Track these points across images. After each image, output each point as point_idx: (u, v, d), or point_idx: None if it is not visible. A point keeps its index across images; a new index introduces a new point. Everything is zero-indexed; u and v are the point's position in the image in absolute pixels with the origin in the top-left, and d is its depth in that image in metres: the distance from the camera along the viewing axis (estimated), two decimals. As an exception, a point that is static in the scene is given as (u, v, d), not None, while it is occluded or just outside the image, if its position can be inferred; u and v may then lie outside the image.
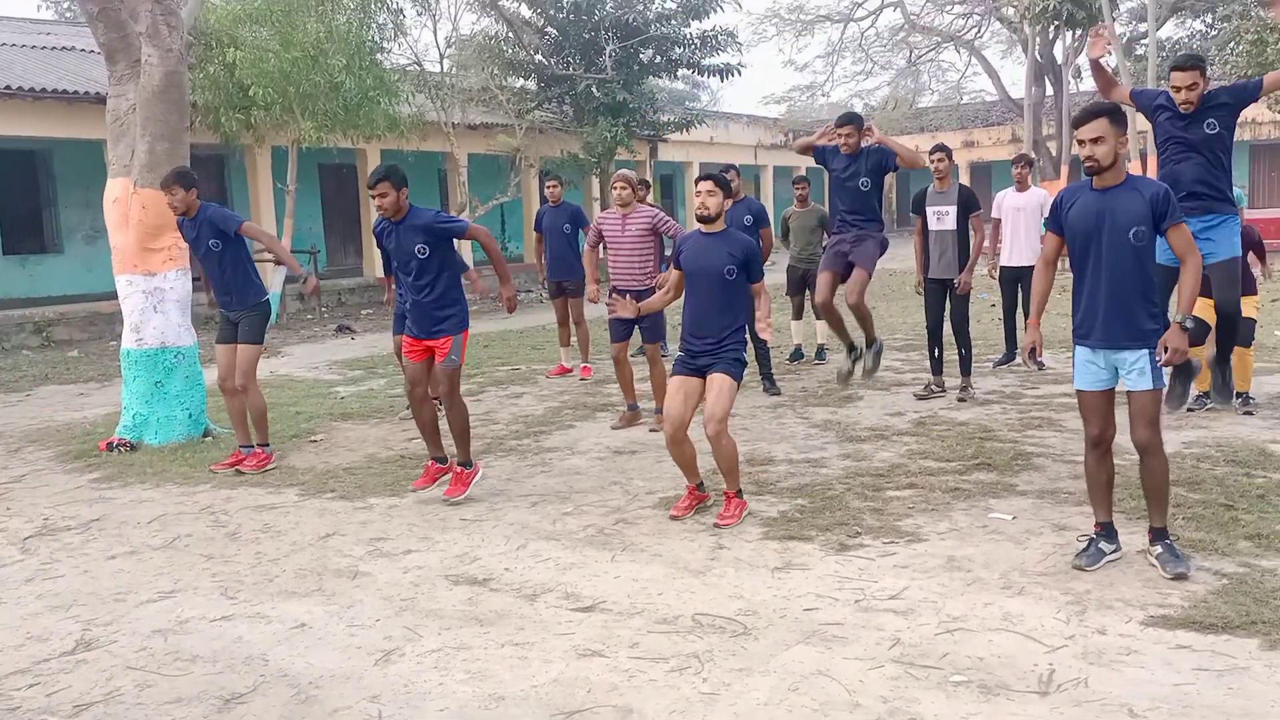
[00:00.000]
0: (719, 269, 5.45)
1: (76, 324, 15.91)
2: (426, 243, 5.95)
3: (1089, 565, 4.44)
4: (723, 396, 5.33)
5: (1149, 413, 4.41)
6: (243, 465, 6.99)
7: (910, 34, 37.91)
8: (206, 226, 6.94)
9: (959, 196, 8.13)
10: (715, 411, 5.30)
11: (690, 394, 5.44)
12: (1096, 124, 4.32)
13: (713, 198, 5.58)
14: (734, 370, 5.42)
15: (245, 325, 7.05)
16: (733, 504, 5.43)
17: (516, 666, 3.80)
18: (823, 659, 3.73)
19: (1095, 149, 4.32)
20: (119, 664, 4.00)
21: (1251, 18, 19.99)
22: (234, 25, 15.38)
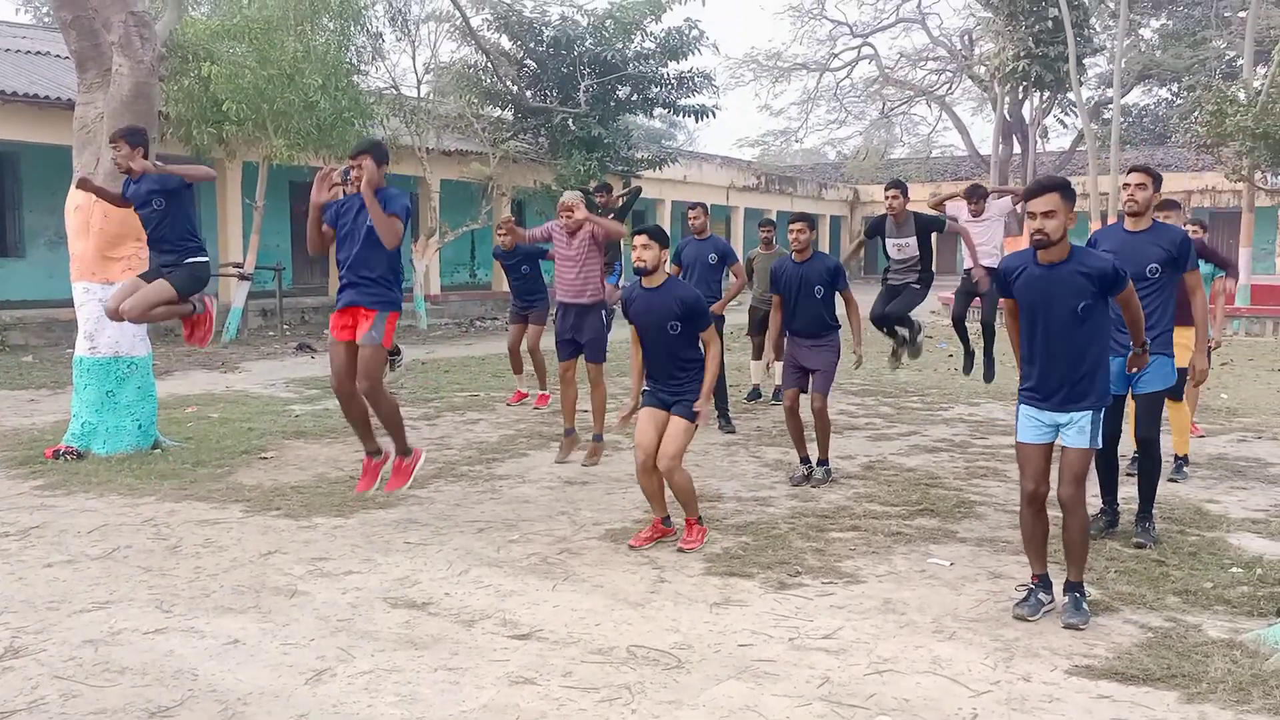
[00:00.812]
0: (663, 324, 5.56)
1: (33, 329, 15.73)
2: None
3: (1030, 615, 4.52)
4: (679, 437, 5.51)
5: (1077, 470, 4.53)
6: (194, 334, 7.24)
7: (884, 86, 38.65)
8: (149, 182, 6.93)
9: (917, 224, 8.23)
10: (668, 449, 5.48)
11: (660, 424, 5.59)
12: (1049, 198, 4.41)
13: (648, 251, 5.59)
14: (692, 413, 5.56)
15: (178, 274, 6.93)
16: (694, 530, 5.59)
17: (447, 691, 3.80)
18: (752, 695, 3.77)
19: (1046, 222, 4.41)
20: (45, 673, 3.96)
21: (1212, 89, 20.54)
22: (211, 40, 15.40)
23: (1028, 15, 26.27)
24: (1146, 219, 5.64)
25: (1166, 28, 35.76)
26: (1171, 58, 33.15)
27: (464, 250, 27.63)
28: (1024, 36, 26.41)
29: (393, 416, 5.96)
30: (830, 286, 7.10)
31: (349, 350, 5.88)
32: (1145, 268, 5.54)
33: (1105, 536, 5.71)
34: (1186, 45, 33.18)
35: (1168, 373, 5.76)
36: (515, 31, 22.49)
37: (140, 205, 7.06)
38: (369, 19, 18.46)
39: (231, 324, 17.05)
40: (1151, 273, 5.56)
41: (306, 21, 15.86)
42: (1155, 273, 5.57)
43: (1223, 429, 9.24)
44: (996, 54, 27.88)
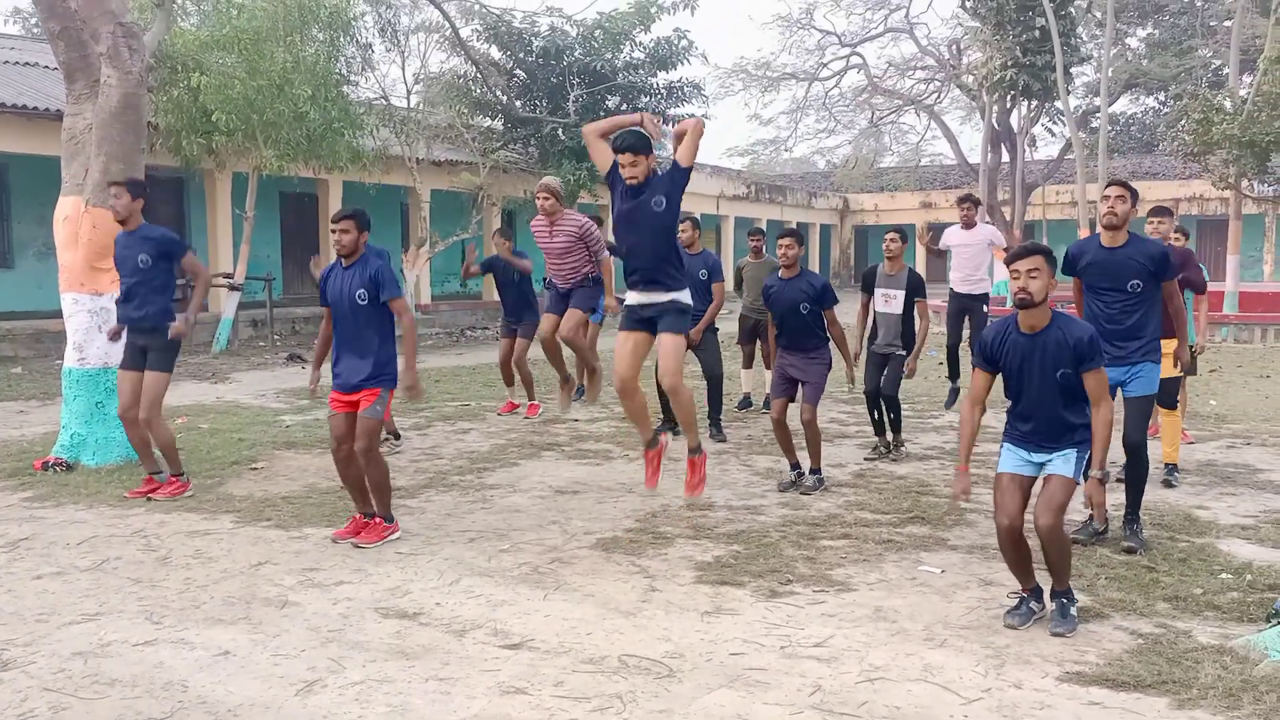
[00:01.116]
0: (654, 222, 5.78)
1: (22, 340, 15.67)
2: (367, 291, 5.78)
3: (1020, 624, 4.54)
4: (675, 352, 5.70)
5: (1057, 500, 4.56)
6: (156, 493, 6.85)
7: (873, 96, 38.79)
8: (142, 244, 6.87)
9: (908, 281, 8.15)
10: (669, 366, 5.67)
11: (639, 347, 5.69)
12: (1034, 259, 4.56)
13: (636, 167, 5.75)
14: (681, 324, 5.74)
15: (156, 354, 6.86)
16: (696, 465, 5.78)
17: (438, 701, 3.79)
18: (744, 703, 3.77)
19: (1030, 282, 4.55)
20: (35, 685, 3.94)
21: (1199, 98, 20.66)
22: (201, 51, 15.40)
23: (1015, 25, 26.38)
24: (1124, 233, 5.72)
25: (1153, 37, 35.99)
26: (1158, 66, 33.36)
27: (454, 260, 27.57)
28: (1011, 46, 26.52)
29: (381, 481, 5.88)
30: (817, 305, 7.12)
31: (349, 419, 5.84)
32: (1127, 284, 5.68)
33: (1095, 543, 5.73)
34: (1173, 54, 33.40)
35: (1155, 378, 5.83)
36: (505, 42, 22.53)
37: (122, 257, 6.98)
38: (358, 30, 18.51)
39: (222, 335, 17.01)
40: (1133, 288, 5.68)
41: (296, 32, 15.89)
42: (1137, 288, 5.68)
43: (1212, 435, 9.28)
44: (984, 63, 27.99)
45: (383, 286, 5.80)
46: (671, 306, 5.77)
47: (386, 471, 5.95)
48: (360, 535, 5.83)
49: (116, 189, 6.90)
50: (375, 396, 5.78)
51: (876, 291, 8.28)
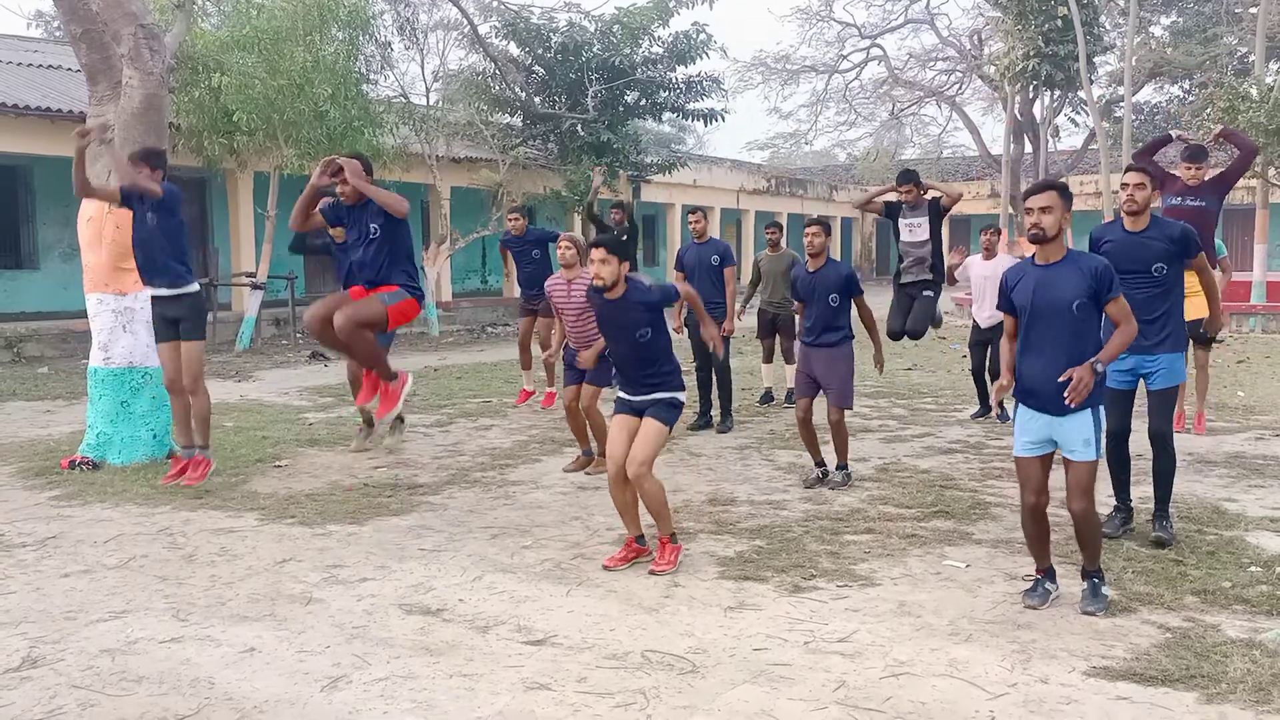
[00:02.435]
0: (632, 334, 5.34)
1: (49, 341, 15.82)
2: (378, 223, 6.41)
3: (1039, 604, 4.58)
4: (650, 441, 5.22)
5: (1084, 484, 4.57)
6: (186, 478, 7.06)
7: (893, 88, 38.57)
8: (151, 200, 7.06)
9: (929, 208, 8.31)
10: (638, 454, 5.18)
11: (631, 432, 5.33)
12: (1047, 195, 4.54)
13: (606, 266, 5.26)
14: (666, 415, 5.30)
15: (186, 322, 7.14)
16: (667, 550, 5.28)
17: (462, 697, 3.80)
18: (768, 699, 3.75)
19: (1043, 218, 4.52)
20: (63, 682, 3.98)
21: (1224, 86, 20.44)
22: (221, 51, 15.48)
23: (1037, 14, 26.19)
24: (1145, 217, 5.61)
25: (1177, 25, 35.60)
26: (1182, 55, 32.99)
27: (475, 257, 27.70)
28: (1034, 35, 26.32)
29: (369, 350, 6.44)
30: (845, 295, 7.04)
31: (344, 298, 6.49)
32: (1151, 267, 5.55)
33: (1122, 536, 5.67)
34: (1197, 42, 33.03)
35: (1180, 369, 5.75)
36: (523, 38, 22.54)
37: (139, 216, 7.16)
38: (377, 28, 18.57)
39: (245, 333, 17.12)
40: (1157, 271, 5.55)
41: (315, 31, 15.94)
42: (1161, 271, 5.55)
43: (1240, 427, 9.18)
44: (1006, 53, 27.79)
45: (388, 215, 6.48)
46: (664, 400, 5.35)
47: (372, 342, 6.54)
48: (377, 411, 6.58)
49: (135, 165, 7.06)
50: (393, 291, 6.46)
51: (900, 223, 8.39)
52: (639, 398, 5.41)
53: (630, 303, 5.34)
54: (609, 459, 5.38)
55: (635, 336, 5.34)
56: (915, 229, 8.34)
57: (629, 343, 5.38)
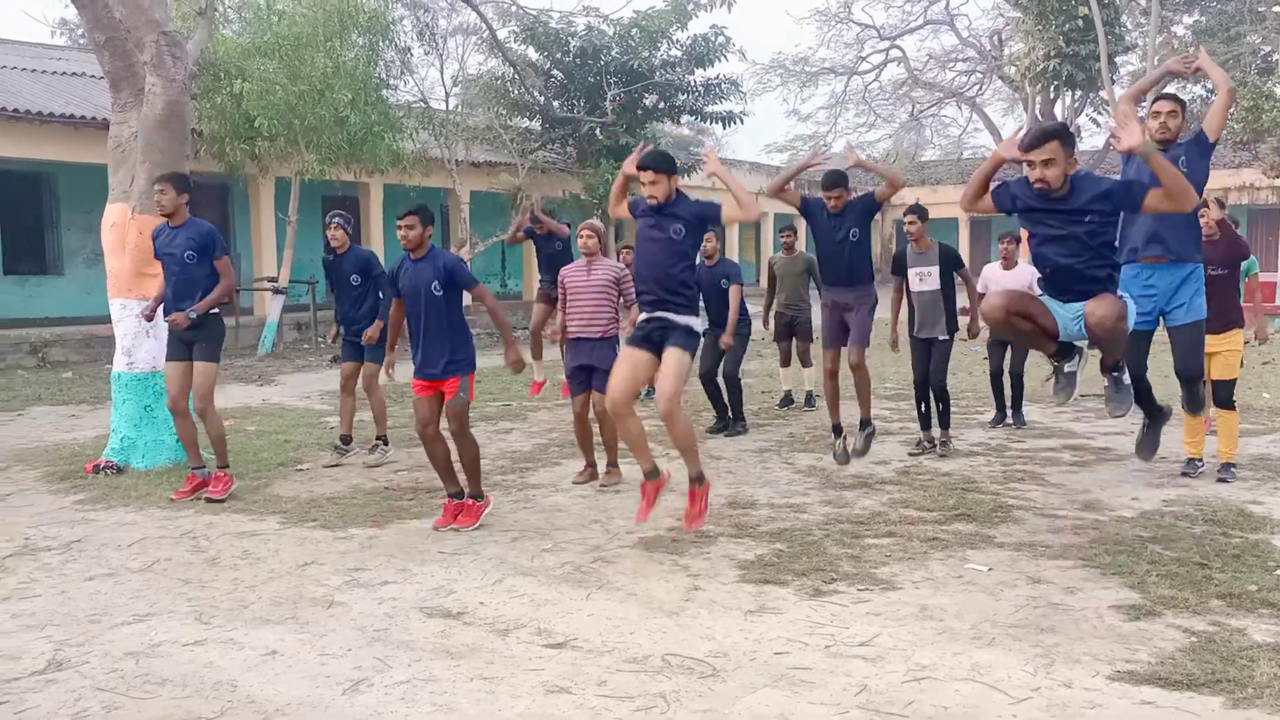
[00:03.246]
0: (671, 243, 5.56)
1: (73, 346, 15.96)
2: (442, 282, 6.06)
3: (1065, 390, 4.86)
4: (677, 373, 5.29)
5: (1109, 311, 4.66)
6: (210, 491, 6.92)
7: (913, 89, 38.39)
8: (190, 238, 6.98)
9: (940, 255, 8.09)
10: (667, 389, 5.24)
11: (638, 367, 5.40)
12: (1049, 146, 4.47)
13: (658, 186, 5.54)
14: (688, 343, 5.40)
15: (202, 344, 7.00)
16: (697, 497, 5.39)
17: (483, 700, 3.81)
18: (788, 703, 3.74)
19: (1046, 171, 4.48)
20: (88, 685, 4.01)
21: (1247, 85, 20.26)
22: (243, 57, 15.60)
23: (1058, 14, 26.01)
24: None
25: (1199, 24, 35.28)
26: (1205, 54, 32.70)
27: (494, 260, 27.77)
28: (1054, 36, 26.15)
29: (474, 460, 6.20)
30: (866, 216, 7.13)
31: (432, 402, 6.16)
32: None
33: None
34: (1220, 41, 32.69)
35: (1201, 305, 5.73)
36: (542, 42, 22.59)
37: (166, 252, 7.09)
38: (397, 34, 18.67)
39: (267, 338, 17.22)
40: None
41: (336, 37, 16.04)
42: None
43: (1265, 429, 9.09)
44: (1027, 54, 27.63)
45: (457, 276, 6.11)
46: (682, 326, 5.47)
47: (478, 451, 6.24)
48: (458, 519, 6.08)
49: (161, 184, 7.01)
50: (458, 383, 6.10)
51: (909, 273, 8.19)
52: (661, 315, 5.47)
53: (681, 207, 5.57)
54: (610, 391, 5.46)
55: (673, 245, 5.50)
56: (926, 278, 8.10)
57: (668, 256, 5.52)
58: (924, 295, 8.12)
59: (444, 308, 6.09)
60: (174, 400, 7.07)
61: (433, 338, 6.10)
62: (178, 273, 7.03)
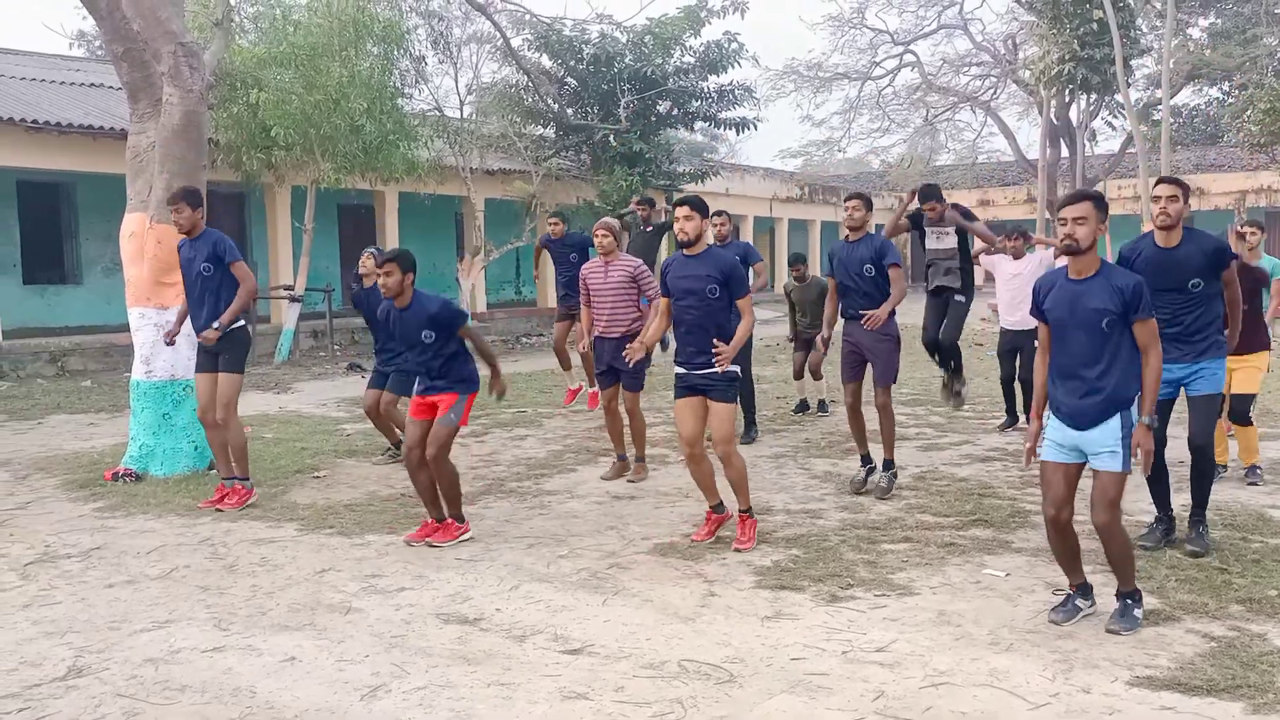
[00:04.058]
0: (702, 288, 5.75)
1: (92, 355, 16.06)
2: (433, 329, 5.97)
3: (1064, 620, 4.51)
4: (726, 420, 5.76)
5: (1111, 496, 4.46)
6: (222, 504, 6.97)
7: (927, 94, 38.34)
8: (206, 248, 7.01)
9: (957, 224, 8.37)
10: (723, 434, 5.75)
11: (697, 411, 5.80)
12: (1082, 206, 4.48)
13: (690, 222, 5.80)
14: (729, 394, 5.80)
15: (227, 355, 7.04)
16: (747, 525, 5.83)
17: (500, 706, 3.82)
18: (805, 709, 3.74)
19: (1077, 229, 4.46)
20: (108, 691, 4.03)
21: (1264, 87, 20.16)
22: (259, 67, 15.69)
23: (1072, 18, 25.96)
24: (1178, 231, 5.46)
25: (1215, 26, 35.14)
26: (1221, 56, 32.55)
27: (509, 268, 27.82)
28: (1069, 39, 26.09)
29: (452, 485, 6.10)
30: (879, 261, 6.94)
31: (425, 426, 6.07)
32: (1188, 284, 5.43)
33: (1164, 546, 5.58)
34: (1236, 43, 32.58)
35: (1220, 377, 5.62)
36: (555, 50, 22.65)
37: (187, 266, 7.12)
38: (412, 43, 18.74)
39: (283, 345, 17.30)
40: (1194, 286, 5.44)
41: (351, 47, 16.12)
42: (1197, 286, 5.44)
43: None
44: (1041, 57, 27.58)
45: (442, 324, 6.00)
46: (721, 378, 5.75)
47: (456, 477, 6.12)
48: (434, 535, 6.03)
49: (174, 203, 7.04)
50: (452, 402, 6.02)
51: (927, 232, 8.41)
52: (702, 372, 5.76)
53: (712, 255, 5.83)
54: (682, 440, 5.94)
55: (707, 293, 5.73)
56: (943, 236, 8.34)
57: (701, 302, 5.76)
58: (940, 252, 8.36)
59: (439, 348, 6.03)
60: (203, 410, 7.10)
61: (431, 370, 6.08)
62: (199, 286, 7.07)
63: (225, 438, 7.04)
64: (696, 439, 5.82)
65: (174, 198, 7.09)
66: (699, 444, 5.84)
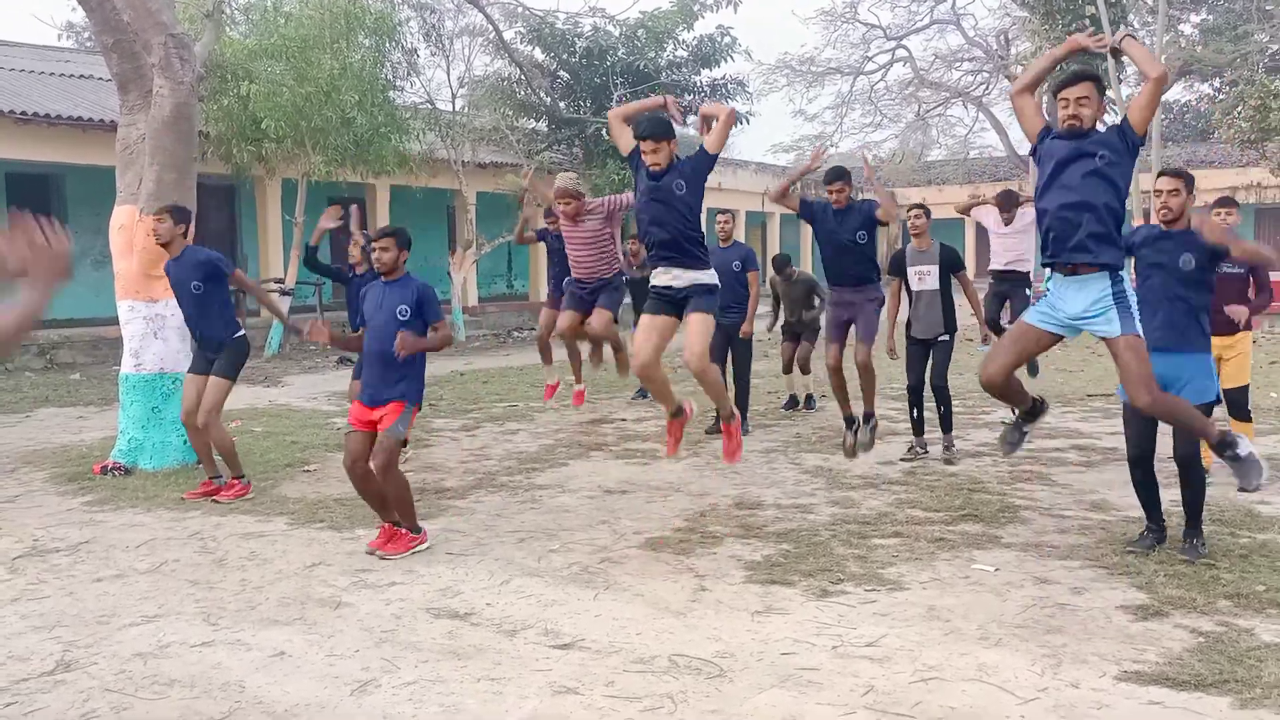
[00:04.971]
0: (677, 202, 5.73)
1: (81, 348, 16.01)
2: (410, 310, 5.76)
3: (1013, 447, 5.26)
4: (703, 332, 5.65)
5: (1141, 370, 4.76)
6: (219, 495, 6.95)
7: (919, 89, 38.36)
8: (193, 268, 6.96)
9: (940, 255, 7.98)
10: (697, 347, 5.64)
11: (662, 331, 5.71)
12: (1083, 85, 4.60)
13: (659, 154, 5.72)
14: (709, 303, 5.75)
15: (222, 360, 6.99)
16: (733, 433, 5.89)
17: (491, 701, 3.82)
18: (796, 704, 3.74)
19: (1080, 109, 4.57)
20: (97, 686, 4.02)
21: (1255, 84, 20.21)
22: (250, 59, 15.64)
23: (1064, 14, 25.95)
24: (1182, 223, 5.38)
25: (1207, 23, 35.23)
26: (1212, 53, 32.63)
27: (501, 261, 27.78)
28: (1061, 35, 26.07)
29: (402, 496, 5.72)
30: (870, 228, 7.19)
31: (365, 439, 5.71)
32: (1179, 259, 5.31)
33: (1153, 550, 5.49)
34: (1228, 40, 32.66)
35: (1211, 387, 5.41)
36: (548, 43, 22.61)
37: (178, 285, 7.10)
38: (403, 35, 18.68)
39: (274, 339, 17.26)
40: (1185, 263, 5.30)
41: (343, 39, 16.07)
42: (1189, 264, 5.29)
43: (1273, 429, 9.07)
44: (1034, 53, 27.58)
45: (426, 308, 5.81)
46: (698, 287, 5.71)
47: (406, 486, 5.77)
48: (387, 546, 5.70)
49: (160, 214, 7.00)
50: (399, 413, 5.68)
51: (909, 271, 8.04)
52: (682, 283, 5.71)
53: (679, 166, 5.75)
54: (637, 356, 5.78)
55: (678, 203, 5.68)
56: (925, 278, 7.94)
57: (673, 215, 5.70)
58: (923, 295, 7.99)
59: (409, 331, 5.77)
60: (187, 412, 7.05)
61: (386, 362, 5.73)
62: (191, 303, 7.05)
63: (207, 441, 7.02)
64: (652, 362, 5.73)
65: (162, 209, 7.05)
66: (655, 366, 5.75)
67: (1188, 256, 5.30)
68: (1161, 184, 5.41)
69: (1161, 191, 5.38)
